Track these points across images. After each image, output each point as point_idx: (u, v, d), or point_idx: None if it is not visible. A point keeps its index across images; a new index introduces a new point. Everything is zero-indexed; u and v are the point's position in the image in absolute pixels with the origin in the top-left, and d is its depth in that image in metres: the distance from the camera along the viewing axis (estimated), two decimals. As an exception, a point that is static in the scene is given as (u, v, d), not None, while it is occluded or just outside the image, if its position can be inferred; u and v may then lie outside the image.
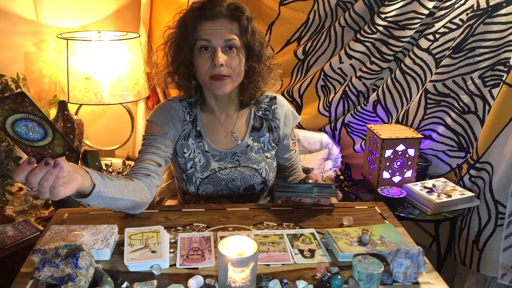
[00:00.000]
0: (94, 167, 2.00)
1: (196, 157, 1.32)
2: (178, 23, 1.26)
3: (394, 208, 1.65)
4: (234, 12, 1.22)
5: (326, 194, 1.26)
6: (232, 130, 1.35)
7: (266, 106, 1.39)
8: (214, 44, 1.20)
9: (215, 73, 1.21)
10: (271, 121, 1.39)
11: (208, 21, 1.20)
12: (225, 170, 1.33)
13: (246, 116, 1.38)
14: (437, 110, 1.88)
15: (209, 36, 1.20)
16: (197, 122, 1.34)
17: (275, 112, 1.39)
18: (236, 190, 1.36)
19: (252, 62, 1.28)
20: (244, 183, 1.35)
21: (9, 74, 1.71)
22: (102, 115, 2.35)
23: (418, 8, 1.79)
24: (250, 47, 1.26)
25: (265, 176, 1.37)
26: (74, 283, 0.87)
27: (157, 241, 1.04)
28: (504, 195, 1.64)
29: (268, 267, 1.00)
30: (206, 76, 1.23)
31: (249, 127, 1.37)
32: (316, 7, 1.98)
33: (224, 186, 1.35)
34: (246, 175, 1.35)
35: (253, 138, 1.37)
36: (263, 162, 1.37)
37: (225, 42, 1.21)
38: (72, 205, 1.59)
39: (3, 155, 1.58)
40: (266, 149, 1.38)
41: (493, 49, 1.69)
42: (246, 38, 1.24)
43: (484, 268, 1.74)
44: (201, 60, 1.22)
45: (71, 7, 2.08)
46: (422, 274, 0.98)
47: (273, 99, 1.40)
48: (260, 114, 1.38)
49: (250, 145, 1.35)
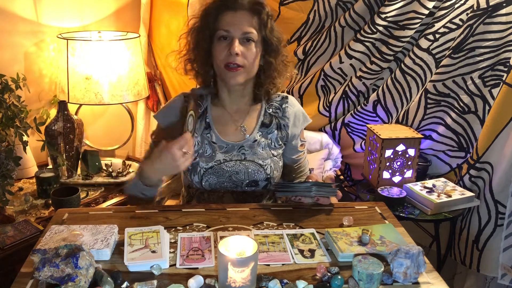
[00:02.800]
0: (94, 167, 2.00)
1: (201, 149, 1.36)
2: (202, 12, 1.32)
3: (394, 208, 1.65)
4: (255, 6, 1.28)
5: (325, 193, 1.26)
6: (241, 124, 1.38)
7: (277, 105, 1.42)
8: (233, 34, 1.26)
9: (230, 61, 1.26)
10: (280, 119, 1.41)
11: (229, 11, 1.27)
12: (230, 163, 1.35)
13: (257, 112, 1.41)
14: (437, 110, 1.88)
15: (228, 26, 1.26)
16: (207, 114, 1.38)
17: (285, 111, 1.42)
18: (239, 183, 1.37)
19: (269, 57, 1.33)
20: (247, 177, 1.36)
21: (9, 74, 1.71)
22: (102, 115, 2.35)
23: (418, 8, 1.79)
24: (268, 42, 1.31)
25: (270, 173, 1.37)
26: (74, 283, 0.87)
27: (157, 241, 1.04)
28: (504, 195, 1.64)
29: (268, 267, 1.00)
30: (222, 65, 1.28)
31: (259, 122, 1.40)
32: (316, 7, 1.98)
33: (227, 179, 1.36)
34: (250, 170, 1.36)
35: (261, 133, 1.39)
36: (268, 159, 1.38)
37: (243, 34, 1.26)
38: (72, 205, 1.59)
39: (3, 155, 1.58)
40: (273, 147, 1.40)
41: (493, 49, 1.69)
42: (265, 33, 1.29)
43: (484, 268, 1.74)
44: (219, 48, 1.28)
45: (71, 7, 2.08)
46: (422, 274, 0.98)
47: (285, 98, 1.44)
48: (271, 112, 1.41)
49: (257, 140, 1.38)
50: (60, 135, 1.86)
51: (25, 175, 1.93)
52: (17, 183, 1.87)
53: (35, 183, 1.83)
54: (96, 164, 2.01)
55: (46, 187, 1.77)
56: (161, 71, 2.43)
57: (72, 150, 1.92)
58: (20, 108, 1.69)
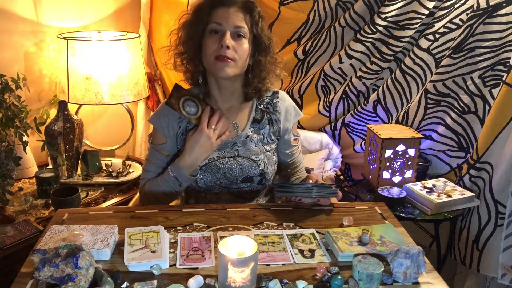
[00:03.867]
0: (94, 167, 2.00)
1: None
2: (194, 7, 1.33)
3: (394, 208, 1.65)
4: (248, 4, 1.29)
5: (326, 194, 1.26)
6: (233, 120, 1.39)
7: (268, 100, 1.43)
8: (225, 27, 1.27)
9: (220, 53, 1.26)
10: (272, 114, 1.42)
11: (222, 7, 1.28)
12: (224, 160, 1.37)
13: (248, 108, 1.42)
14: (437, 110, 1.88)
15: (221, 19, 1.27)
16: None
17: (276, 105, 1.43)
18: (234, 180, 1.38)
19: (259, 56, 1.33)
20: (242, 173, 1.38)
21: (9, 74, 1.71)
22: (102, 115, 2.35)
23: (418, 8, 1.79)
24: (259, 41, 1.31)
25: (263, 168, 1.38)
26: (74, 283, 0.87)
27: (157, 241, 1.04)
28: (504, 195, 1.64)
29: (268, 267, 1.00)
30: (212, 57, 1.28)
31: (250, 118, 1.40)
32: (316, 7, 1.98)
33: (222, 175, 1.37)
34: (244, 166, 1.37)
35: (253, 129, 1.40)
36: (261, 154, 1.39)
37: (235, 28, 1.27)
38: (72, 205, 1.59)
39: (3, 155, 1.58)
40: (265, 142, 1.41)
41: (493, 49, 1.69)
42: (256, 31, 1.30)
43: (484, 268, 1.74)
44: (210, 41, 1.28)
45: (71, 7, 2.08)
46: (422, 274, 0.98)
47: (276, 93, 1.45)
48: (262, 107, 1.42)
49: (249, 136, 1.39)
50: (60, 135, 1.86)
51: (25, 175, 1.93)
52: (17, 183, 1.87)
53: (35, 183, 1.83)
54: (96, 164, 2.02)
55: (46, 187, 1.77)
56: (161, 71, 2.43)
57: (72, 150, 1.92)
58: (20, 108, 1.69)
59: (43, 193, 1.78)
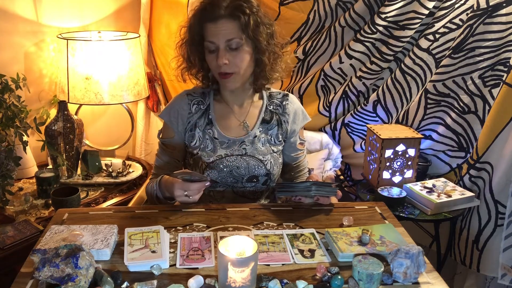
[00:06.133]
0: (94, 167, 2.00)
1: (202, 144, 1.39)
2: (187, 25, 1.34)
3: (394, 208, 1.65)
4: (233, 12, 1.26)
5: (325, 193, 1.26)
6: (244, 120, 1.41)
7: (278, 102, 1.46)
8: (217, 44, 1.28)
9: (220, 71, 1.29)
10: (281, 116, 1.45)
11: (210, 23, 1.28)
12: (231, 157, 1.38)
13: (259, 108, 1.44)
14: (437, 110, 1.88)
15: (212, 37, 1.28)
16: (210, 111, 1.41)
17: (285, 107, 1.45)
18: (239, 178, 1.39)
19: (259, 54, 1.33)
20: (248, 172, 1.39)
21: (9, 74, 1.71)
22: (102, 115, 2.35)
23: (418, 8, 1.79)
24: (255, 41, 1.31)
25: (270, 168, 1.40)
26: (74, 283, 0.87)
27: (157, 241, 1.04)
28: (504, 195, 1.64)
29: (268, 267, 1.00)
30: (216, 73, 1.33)
31: (260, 118, 1.42)
32: (316, 7, 1.98)
33: (228, 173, 1.38)
34: (250, 165, 1.38)
35: (261, 129, 1.42)
36: (268, 155, 1.41)
37: (226, 42, 1.27)
38: (72, 205, 1.59)
39: (3, 155, 1.58)
40: (273, 143, 1.43)
41: (493, 49, 1.69)
42: (249, 34, 1.28)
43: (484, 268, 1.74)
44: (209, 59, 1.32)
45: (71, 7, 2.08)
46: (422, 274, 0.98)
47: (286, 96, 1.47)
48: (272, 108, 1.45)
49: (257, 136, 1.40)
50: (60, 135, 1.86)
51: (25, 175, 1.93)
52: (17, 183, 1.87)
53: (35, 183, 1.83)
54: (96, 164, 2.02)
55: (46, 187, 1.77)
56: (161, 71, 2.42)
57: (72, 150, 1.92)
58: (20, 108, 1.70)
59: (43, 193, 1.78)
